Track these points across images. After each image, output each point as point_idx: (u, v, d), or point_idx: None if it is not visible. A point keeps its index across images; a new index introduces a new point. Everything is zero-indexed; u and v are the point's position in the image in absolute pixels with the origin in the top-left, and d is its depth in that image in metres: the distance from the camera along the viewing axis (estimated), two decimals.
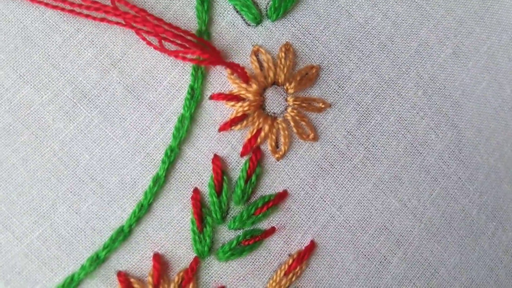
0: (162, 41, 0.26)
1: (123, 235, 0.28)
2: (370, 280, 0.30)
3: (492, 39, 0.32)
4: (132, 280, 0.28)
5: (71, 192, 0.28)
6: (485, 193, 0.31)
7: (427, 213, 0.30)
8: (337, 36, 0.31)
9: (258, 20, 0.30)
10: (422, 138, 0.31)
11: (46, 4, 0.26)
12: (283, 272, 0.29)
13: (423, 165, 0.31)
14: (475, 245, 0.31)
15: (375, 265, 0.30)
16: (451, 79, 0.31)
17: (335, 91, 0.31)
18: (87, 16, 0.26)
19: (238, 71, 0.27)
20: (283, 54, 0.30)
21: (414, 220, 0.30)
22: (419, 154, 0.31)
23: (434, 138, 0.31)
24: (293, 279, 0.29)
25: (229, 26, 0.30)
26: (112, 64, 0.29)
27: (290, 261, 0.29)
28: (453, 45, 0.32)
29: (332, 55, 0.31)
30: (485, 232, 0.31)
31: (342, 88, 0.31)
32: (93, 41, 0.29)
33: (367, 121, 0.31)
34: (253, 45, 0.30)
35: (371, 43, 0.31)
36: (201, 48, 0.26)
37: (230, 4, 0.30)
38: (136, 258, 0.28)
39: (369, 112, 0.31)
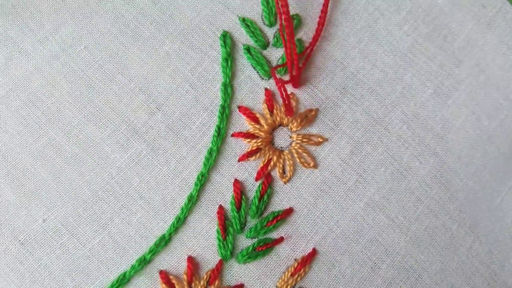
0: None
1: (164, 241, 0.31)
2: (363, 283, 0.32)
3: (470, 79, 0.34)
4: (171, 277, 0.31)
5: (124, 207, 0.31)
6: (464, 211, 0.33)
7: (412, 228, 0.32)
8: (333, 84, 0.33)
9: (269, 75, 0.33)
10: (407, 165, 0.33)
11: None
12: (290, 274, 0.31)
13: (408, 187, 0.32)
14: (454, 256, 0.32)
15: (367, 270, 0.32)
16: (432, 115, 0.33)
17: (331, 128, 0.33)
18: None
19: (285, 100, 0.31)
20: None
21: (400, 233, 0.32)
22: (404, 178, 0.33)
23: (418, 165, 0.33)
24: (298, 279, 0.31)
25: (247, 79, 0.33)
26: (157, 108, 0.33)
27: (296, 264, 0.31)
28: (434, 86, 0.33)
29: (329, 100, 0.34)
30: (463, 245, 0.32)
31: (337, 126, 0.33)
32: (142, 89, 0.33)
33: (359, 151, 0.33)
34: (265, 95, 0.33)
35: (361, 88, 0.33)
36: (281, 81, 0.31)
37: (248, 61, 0.34)
38: (174, 260, 0.31)
39: (360, 144, 0.33)
